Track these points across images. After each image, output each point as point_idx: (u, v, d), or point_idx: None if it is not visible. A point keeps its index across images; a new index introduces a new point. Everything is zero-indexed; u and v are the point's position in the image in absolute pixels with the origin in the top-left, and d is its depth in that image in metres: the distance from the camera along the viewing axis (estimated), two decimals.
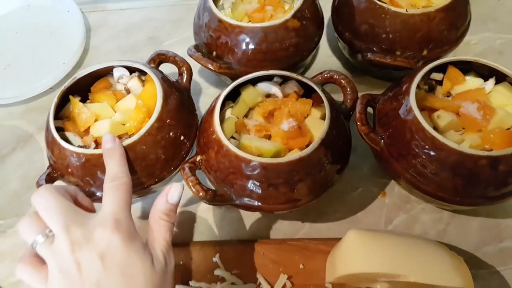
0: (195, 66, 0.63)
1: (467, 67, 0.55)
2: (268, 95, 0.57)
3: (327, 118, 0.49)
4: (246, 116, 0.56)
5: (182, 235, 0.58)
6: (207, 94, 0.72)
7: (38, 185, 0.51)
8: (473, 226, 0.57)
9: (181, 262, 0.54)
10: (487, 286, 0.53)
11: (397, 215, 0.58)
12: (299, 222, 0.58)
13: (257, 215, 0.59)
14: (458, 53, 0.68)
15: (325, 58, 0.74)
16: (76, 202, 0.42)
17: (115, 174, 0.44)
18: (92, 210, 0.43)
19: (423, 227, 0.57)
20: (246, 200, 0.50)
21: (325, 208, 0.59)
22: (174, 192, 0.44)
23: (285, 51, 0.60)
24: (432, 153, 0.47)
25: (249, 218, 0.59)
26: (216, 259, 0.53)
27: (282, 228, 0.58)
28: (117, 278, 0.36)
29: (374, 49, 0.60)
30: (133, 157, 0.49)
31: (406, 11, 0.57)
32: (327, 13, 0.67)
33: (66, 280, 0.36)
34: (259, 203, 0.50)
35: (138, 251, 0.38)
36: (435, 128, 0.51)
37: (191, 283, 0.52)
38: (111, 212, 0.39)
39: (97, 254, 0.36)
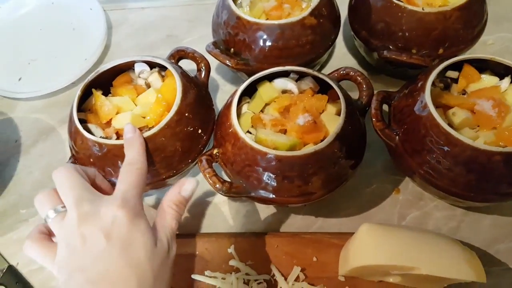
0: (213, 63, 0.64)
1: (483, 66, 0.55)
2: (284, 91, 0.58)
3: (343, 113, 0.50)
4: (262, 111, 0.57)
5: (198, 226, 0.60)
6: (224, 91, 0.73)
7: None
8: (486, 223, 0.57)
9: (197, 253, 0.55)
10: (499, 283, 0.53)
11: (410, 211, 0.59)
12: (313, 217, 0.59)
13: (271, 209, 0.60)
14: (475, 53, 0.67)
15: (342, 56, 0.75)
16: (94, 184, 0.45)
17: (132, 159, 0.46)
18: (109, 193, 0.44)
19: (436, 223, 0.58)
20: (261, 192, 0.51)
21: (338, 203, 0.60)
22: (188, 186, 0.45)
23: (302, 48, 0.61)
24: (446, 148, 0.48)
25: (264, 211, 0.60)
26: (231, 250, 0.55)
27: (296, 222, 0.59)
28: (118, 253, 0.37)
29: (390, 47, 0.61)
30: (152, 148, 0.51)
31: (423, 9, 0.58)
32: (344, 12, 0.68)
33: (71, 253, 0.38)
34: (274, 196, 0.51)
35: (142, 230, 0.39)
36: (450, 125, 0.51)
37: (206, 273, 0.53)
38: (120, 190, 0.41)
39: (101, 228, 0.38)
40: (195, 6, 0.85)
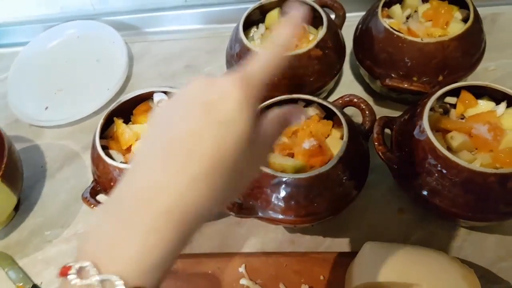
0: None
1: (481, 92, 0.58)
2: None
3: (345, 138, 0.54)
4: None
5: (212, 246, 0.63)
6: None
7: (83, 198, 0.57)
8: (489, 242, 0.59)
9: (209, 272, 0.58)
10: None
11: (414, 231, 0.61)
12: (321, 237, 0.62)
13: (281, 230, 0.63)
14: (477, 79, 0.71)
15: (348, 83, 0.78)
16: None
17: (280, 38, 0.35)
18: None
19: (440, 243, 0.59)
20: (269, 213, 0.54)
21: (345, 224, 0.62)
22: (298, 112, 0.40)
23: (309, 77, 0.66)
24: (444, 171, 0.51)
25: (274, 232, 0.63)
26: (242, 269, 0.57)
27: (305, 242, 0.62)
28: (209, 122, 0.30)
29: (393, 75, 0.65)
30: None
31: (422, 40, 0.61)
32: (349, 42, 0.72)
33: (164, 104, 0.33)
34: (282, 216, 0.54)
35: (247, 117, 0.31)
36: (449, 148, 0.54)
37: None
38: (247, 70, 0.33)
39: (206, 92, 0.31)
40: (213, 38, 0.90)
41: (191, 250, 0.62)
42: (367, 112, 0.60)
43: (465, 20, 0.65)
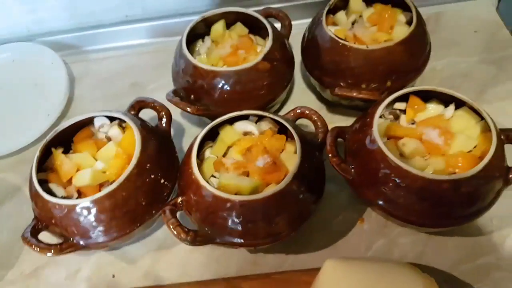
0: (178, 108, 0.66)
1: (430, 95, 0.58)
2: (245, 133, 0.59)
3: (298, 153, 0.52)
4: (225, 154, 0.58)
5: (169, 276, 0.59)
6: (190, 134, 0.74)
7: (23, 237, 0.53)
8: (450, 246, 0.59)
9: None
10: None
11: (376, 240, 0.60)
12: (283, 254, 0.60)
13: (243, 251, 0.61)
14: (425, 80, 0.72)
15: (301, 93, 0.77)
16: None
17: None
18: None
19: (402, 250, 0.59)
20: (227, 238, 0.52)
21: (307, 238, 0.61)
22: None
23: (259, 91, 0.64)
24: (397, 180, 0.50)
25: (236, 254, 0.61)
26: None
27: (268, 262, 0.60)
28: None
29: (341, 84, 0.64)
30: (113, 204, 0.51)
31: (367, 47, 0.61)
32: (298, 50, 0.71)
33: None
34: (241, 240, 0.52)
35: None
36: (402, 155, 0.54)
37: None
38: None
39: None
40: (158, 52, 0.86)
41: (146, 282, 0.59)
42: (319, 124, 0.59)
43: (409, 22, 0.65)
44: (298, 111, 0.60)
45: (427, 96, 0.58)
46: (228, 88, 0.63)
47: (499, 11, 0.83)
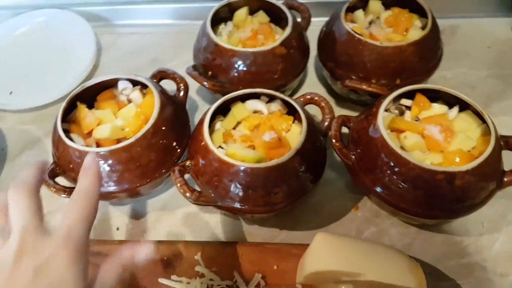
0: (194, 85, 0.70)
1: (436, 96, 0.61)
2: (255, 111, 0.63)
3: (303, 132, 0.55)
4: (234, 129, 0.62)
5: (170, 233, 0.63)
6: (203, 111, 0.77)
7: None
8: (437, 241, 0.61)
9: (165, 258, 0.58)
10: None
11: (367, 228, 0.63)
12: (277, 229, 0.63)
13: (240, 221, 0.64)
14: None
15: (312, 84, 0.81)
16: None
17: (84, 189, 0.41)
18: None
19: (391, 240, 0.62)
20: (228, 202, 0.55)
21: (301, 217, 0.64)
22: (146, 251, 0.43)
23: (272, 74, 0.68)
24: (395, 167, 0.53)
25: (232, 223, 0.64)
26: (197, 257, 0.58)
27: (262, 234, 0.63)
28: None
29: (353, 77, 0.67)
30: (128, 157, 0.55)
31: (381, 43, 0.64)
32: (315, 46, 0.75)
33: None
34: (239, 205, 0.55)
35: (77, 275, 0.36)
36: (403, 148, 0.57)
37: (172, 277, 0.56)
38: (65, 225, 0.38)
39: (35, 263, 0.35)
40: (181, 34, 0.91)
41: (147, 237, 0.63)
42: (326, 110, 0.62)
43: (424, 28, 0.68)
44: (308, 96, 0.63)
45: (433, 98, 0.61)
46: (244, 68, 0.66)
47: None
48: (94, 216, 0.40)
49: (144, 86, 0.64)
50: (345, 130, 0.61)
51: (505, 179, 0.55)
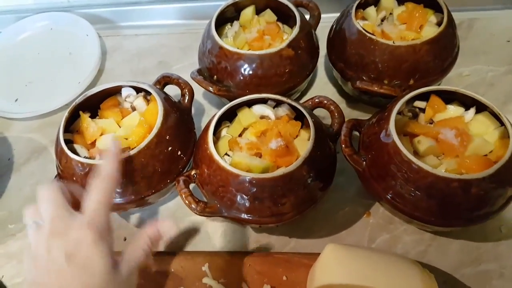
0: (200, 89, 0.68)
1: (452, 97, 0.58)
2: (262, 117, 0.61)
3: (311, 139, 0.53)
4: (241, 135, 0.60)
5: (176, 244, 0.62)
6: (209, 115, 0.76)
7: None
8: (453, 248, 0.59)
9: (172, 270, 0.57)
10: None
11: (380, 235, 0.61)
12: (287, 237, 0.62)
13: (248, 230, 0.63)
14: (450, 84, 0.72)
15: (322, 85, 0.78)
16: (78, 201, 0.46)
17: (106, 174, 0.46)
18: None
19: (405, 247, 0.59)
20: (234, 212, 0.54)
21: (311, 225, 0.62)
22: (168, 228, 0.47)
23: (280, 77, 0.65)
24: (408, 174, 0.50)
25: (240, 232, 0.63)
26: (205, 268, 0.57)
27: (270, 243, 0.61)
28: (74, 274, 0.39)
29: (364, 77, 0.64)
30: (132, 168, 0.54)
31: (393, 43, 0.61)
32: (325, 44, 0.72)
33: (34, 264, 0.41)
34: (246, 216, 0.53)
35: (103, 253, 0.41)
36: (416, 153, 0.54)
37: None
38: (89, 209, 0.43)
39: (65, 246, 0.40)
40: (187, 34, 0.89)
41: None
42: (336, 114, 0.60)
43: (439, 24, 0.64)
44: (317, 100, 0.61)
45: (449, 99, 0.58)
46: (250, 72, 0.64)
47: None
48: (113, 198, 0.48)
49: (148, 93, 0.62)
50: (356, 133, 0.59)
51: None
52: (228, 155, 0.58)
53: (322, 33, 0.73)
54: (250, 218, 0.54)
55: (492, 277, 0.56)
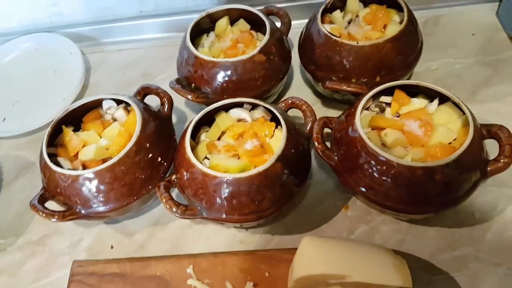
0: (182, 98, 0.70)
1: (417, 90, 0.61)
2: (239, 120, 0.63)
3: (283, 138, 0.56)
4: (219, 139, 0.62)
5: (162, 249, 0.64)
6: None
7: (31, 205, 0.58)
8: (430, 235, 0.61)
9: (158, 274, 0.59)
10: None
11: (358, 226, 0.63)
12: (269, 235, 0.64)
13: (231, 230, 0.65)
14: (418, 78, 0.74)
15: (298, 87, 0.81)
16: None
17: None
18: None
19: (383, 237, 0.62)
20: (214, 213, 0.56)
21: (293, 221, 0.64)
22: None
23: (255, 82, 0.68)
24: (375, 166, 0.53)
25: (225, 232, 0.65)
26: (189, 270, 0.59)
27: (254, 241, 0.63)
28: None
29: (333, 78, 0.67)
30: (113, 176, 0.56)
31: (357, 43, 0.64)
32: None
33: None
34: (226, 216, 0.56)
35: None
36: (384, 145, 0.57)
37: None
38: None
39: None
40: (169, 46, 0.91)
41: (141, 253, 0.64)
42: (308, 113, 0.63)
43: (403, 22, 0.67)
44: (289, 101, 0.64)
45: (414, 93, 0.61)
46: (226, 78, 0.67)
47: (499, 16, 0.84)
48: None
49: (128, 104, 0.65)
50: (329, 131, 0.62)
51: (489, 169, 0.54)
52: (208, 159, 0.60)
53: (296, 39, 0.76)
54: (230, 217, 0.56)
55: (468, 261, 0.58)
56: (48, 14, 0.94)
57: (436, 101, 0.59)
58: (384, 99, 0.61)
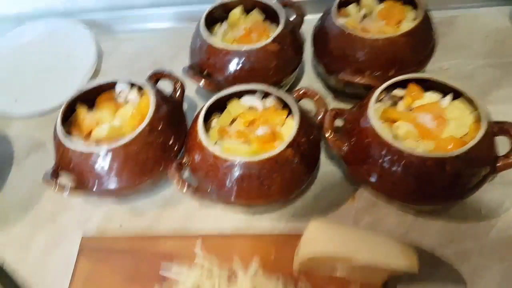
0: (193, 86, 0.71)
1: (430, 85, 0.61)
2: (251, 107, 0.64)
3: (295, 125, 0.57)
4: (230, 125, 0.63)
5: (170, 228, 0.65)
6: None
7: (44, 179, 0.59)
8: (435, 229, 0.61)
9: (166, 251, 0.60)
10: (445, 283, 0.57)
11: (364, 217, 0.63)
12: (276, 221, 0.64)
13: (239, 215, 0.65)
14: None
15: (310, 79, 0.81)
16: None
17: None
18: None
19: (388, 228, 0.62)
20: (223, 195, 0.57)
21: (300, 209, 0.65)
22: None
23: (267, 71, 0.69)
24: (386, 156, 0.54)
25: (232, 216, 0.65)
26: (197, 249, 0.59)
27: (261, 226, 0.64)
28: None
29: (346, 70, 0.68)
30: (126, 156, 0.57)
31: (371, 36, 0.65)
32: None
33: None
34: (235, 198, 0.56)
35: None
36: (396, 137, 0.57)
37: (173, 269, 0.58)
38: None
39: None
40: (180, 35, 0.90)
41: (150, 231, 0.64)
42: (319, 104, 0.63)
43: None
44: (301, 92, 0.65)
45: (428, 88, 0.61)
46: (238, 66, 0.68)
47: None
48: None
49: (141, 88, 0.66)
50: (340, 122, 0.62)
51: (498, 164, 0.55)
52: (218, 145, 0.61)
53: (309, 33, 0.77)
54: (239, 199, 0.57)
55: (471, 256, 0.59)
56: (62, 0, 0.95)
57: (449, 96, 0.60)
58: (397, 92, 0.61)
